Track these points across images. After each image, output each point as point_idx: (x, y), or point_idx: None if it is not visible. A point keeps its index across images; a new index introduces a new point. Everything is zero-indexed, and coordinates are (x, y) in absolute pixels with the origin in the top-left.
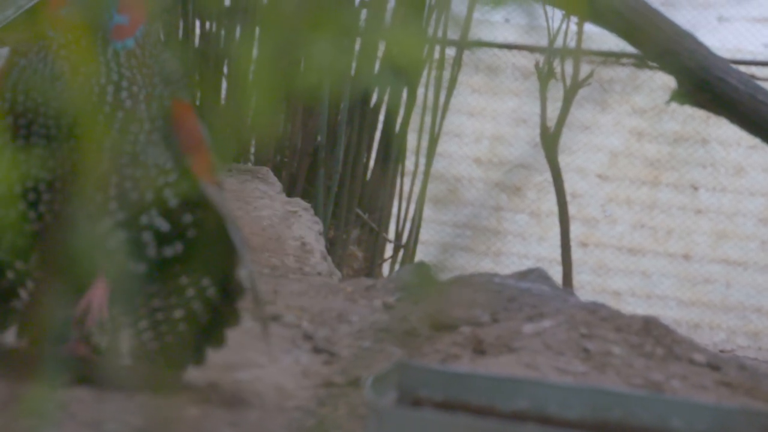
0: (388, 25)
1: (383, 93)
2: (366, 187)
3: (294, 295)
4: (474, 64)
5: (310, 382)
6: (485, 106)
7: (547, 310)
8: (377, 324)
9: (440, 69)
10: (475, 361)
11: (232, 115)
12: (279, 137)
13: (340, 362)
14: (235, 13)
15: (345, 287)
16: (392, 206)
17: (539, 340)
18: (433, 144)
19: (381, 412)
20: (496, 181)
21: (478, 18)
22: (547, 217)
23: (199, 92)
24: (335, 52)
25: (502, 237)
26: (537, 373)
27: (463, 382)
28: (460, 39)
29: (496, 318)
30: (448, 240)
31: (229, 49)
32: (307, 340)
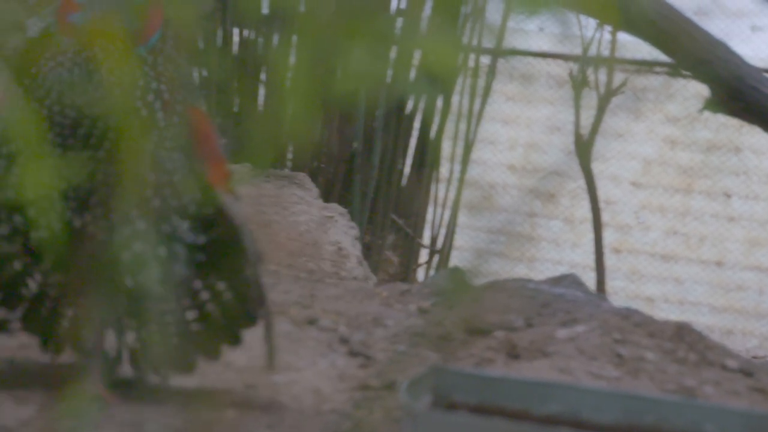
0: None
1: (418, 100)
2: (401, 193)
3: (330, 299)
4: (508, 72)
5: (346, 386)
6: (519, 114)
7: (581, 315)
8: (412, 328)
9: (475, 77)
10: (509, 365)
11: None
12: (316, 143)
13: (376, 366)
14: (272, 20)
15: (380, 292)
16: (427, 212)
17: (573, 345)
18: (467, 151)
19: (416, 415)
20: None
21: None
22: (581, 224)
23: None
24: (371, 59)
25: (535, 243)
26: (570, 378)
27: (497, 386)
28: (494, 47)
29: (530, 323)
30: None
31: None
32: (344, 343)
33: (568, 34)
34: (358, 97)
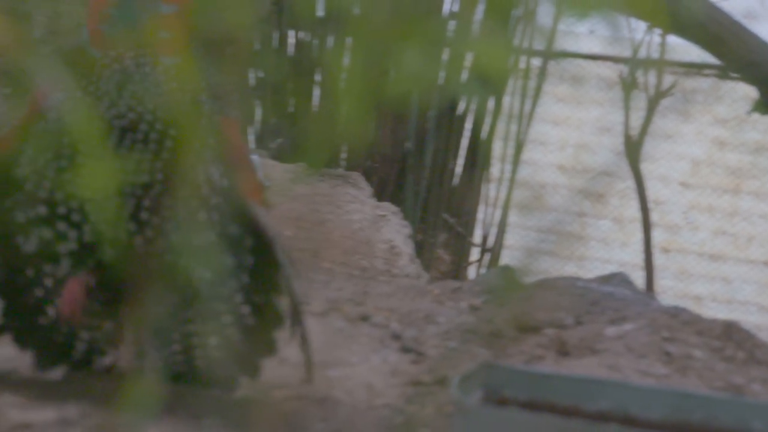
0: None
1: (470, 101)
2: (453, 192)
3: (383, 296)
4: (559, 74)
5: (398, 381)
6: (570, 115)
7: (629, 313)
8: (463, 325)
9: (526, 78)
10: (558, 362)
11: (324, 122)
12: (369, 144)
13: (428, 362)
14: (327, 23)
15: (432, 289)
16: (478, 211)
17: (621, 342)
18: (518, 151)
19: (467, 410)
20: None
21: (564, 29)
22: (630, 223)
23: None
24: (424, 61)
25: (585, 242)
26: (619, 375)
27: (547, 382)
28: (545, 49)
29: (580, 321)
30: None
31: (322, 57)
32: (396, 340)
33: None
34: (410, 99)
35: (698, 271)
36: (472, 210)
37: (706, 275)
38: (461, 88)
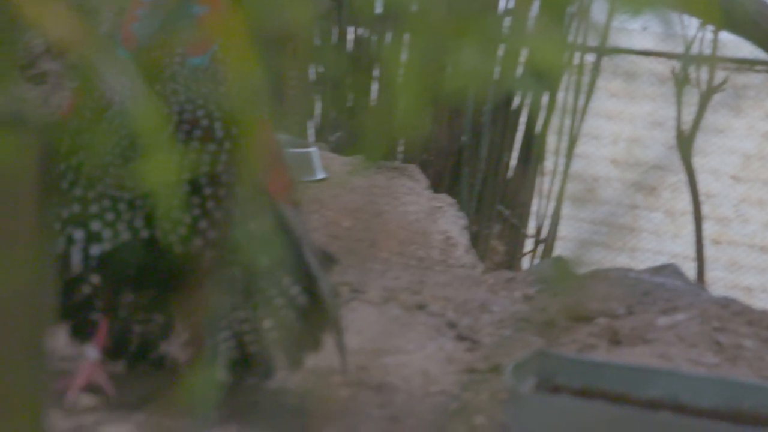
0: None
1: (525, 96)
2: (508, 184)
3: (439, 285)
4: (612, 69)
5: (453, 368)
6: (622, 110)
7: (681, 304)
8: (517, 314)
9: (580, 74)
10: (610, 351)
11: (381, 116)
12: (426, 137)
13: (482, 350)
14: (385, 19)
15: (487, 279)
16: (532, 203)
17: (672, 332)
18: (572, 145)
19: (521, 397)
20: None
21: (617, 26)
22: (681, 216)
23: (351, 94)
24: (480, 57)
25: (637, 234)
26: (670, 364)
27: (600, 370)
28: (599, 46)
29: (631, 311)
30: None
31: (380, 53)
32: (451, 328)
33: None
34: (466, 93)
35: (748, 262)
36: (527, 202)
37: (756, 267)
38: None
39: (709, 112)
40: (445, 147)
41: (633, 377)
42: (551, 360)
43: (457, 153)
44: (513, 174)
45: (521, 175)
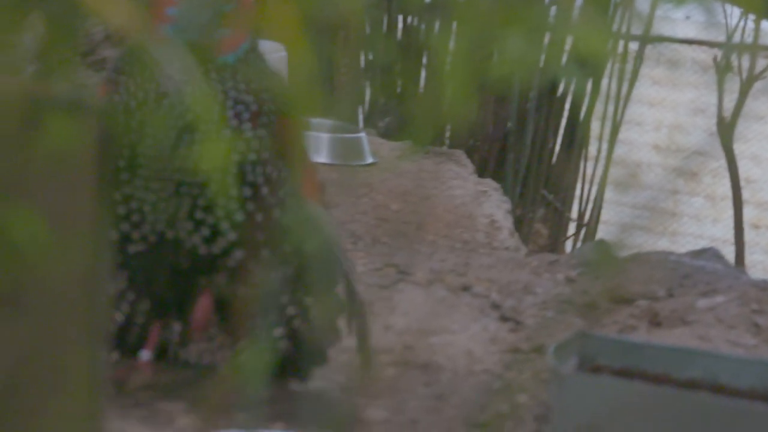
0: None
1: (569, 84)
2: (551, 170)
3: (483, 267)
4: (655, 57)
5: (497, 348)
6: (665, 97)
7: (720, 286)
8: (560, 296)
9: (623, 62)
10: (650, 332)
11: (429, 103)
12: (472, 123)
13: (526, 330)
14: (434, 9)
15: (530, 261)
16: (576, 188)
17: (712, 314)
18: (615, 131)
19: (563, 377)
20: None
21: (660, 15)
22: (722, 201)
23: (400, 81)
24: (526, 45)
25: (678, 218)
26: (709, 345)
27: (640, 351)
28: (642, 34)
29: (672, 293)
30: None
31: (429, 41)
32: (495, 309)
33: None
34: (512, 81)
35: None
36: (570, 186)
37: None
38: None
39: (750, 99)
40: (490, 133)
41: (672, 358)
42: (593, 341)
43: (503, 139)
44: (557, 159)
45: (565, 161)
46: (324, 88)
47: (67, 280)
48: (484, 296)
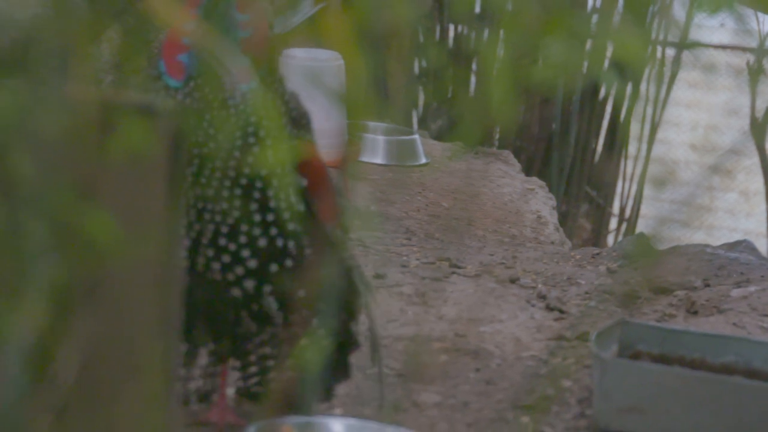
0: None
1: (610, 87)
2: (594, 168)
3: (530, 260)
4: (691, 62)
5: (543, 336)
6: (701, 99)
7: (753, 276)
8: (602, 287)
9: (661, 66)
10: (687, 320)
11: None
12: (519, 125)
13: (569, 319)
14: (483, 18)
15: (574, 254)
16: (617, 185)
17: (745, 302)
18: (653, 132)
19: (605, 362)
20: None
21: (696, 23)
22: (755, 196)
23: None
24: (569, 51)
25: (713, 213)
26: (743, 332)
27: (678, 338)
28: (679, 40)
29: (707, 283)
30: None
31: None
32: (541, 299)
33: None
34: (556, 85)
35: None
36: (612, 184)
37: None
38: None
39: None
40: (536, 134)
41: (708, 344)
42: (632, 328)
43: (548, 139)
44: (599, 158)
45: (606, 160)
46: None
47: (141, 275)
48: (531, 287)
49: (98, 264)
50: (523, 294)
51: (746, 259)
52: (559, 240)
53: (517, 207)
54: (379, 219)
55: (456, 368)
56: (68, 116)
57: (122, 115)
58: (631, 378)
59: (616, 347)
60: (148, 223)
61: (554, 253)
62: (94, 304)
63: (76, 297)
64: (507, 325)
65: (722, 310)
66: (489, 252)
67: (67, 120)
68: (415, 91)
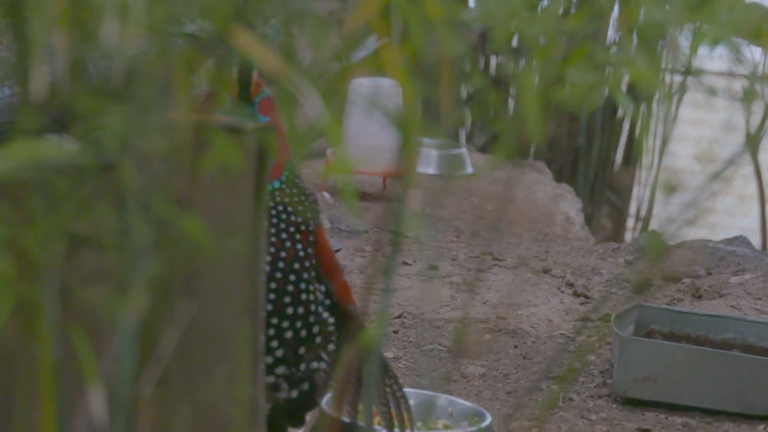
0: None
1: (627, 108)
2: (614, 176)
3: (560, 254)
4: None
5: (570, 318)
6: (704, 118)
7: (748, 266)
8: (621, 276)
9: (669, 90)
10: (693, 303)
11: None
12: (550, 140)
13: (593, 303)
14: (519, 50)
15: (597, 249)
16: (633, 190)
17: (742, 288)
18: (663, 145)
19: (623, 340)
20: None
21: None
22: (750, 199)
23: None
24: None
25: (714, 213)
26: (740, 313)
27: (685, 319)
28: (685, 68)
29: (710, 272)
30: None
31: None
32: (569, 287)
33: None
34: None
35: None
36: (629, 189)
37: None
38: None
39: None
40: (565, 147)
41: (711, 323)
42: (647, 311)
43: (575, 152)
44: (618, 168)
45: (624, 169)
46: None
47: (231, 268)
48: (561, 277)
49: (194, 259)
50: (554, 282)
51: (742, 252)
52: (584, 237)
53: (548, 209)
54: (432, 221)
55: (497, 345)
56: (169, 136)
57: (214, 134)
58: (646, 353)
59: (633, 327)
60: (236, 225)
61: (580, 248)
62: (191, 292)
63: (175, 286)
64: (540, 309)
65: (722, 294)
66: (525, 247)
67: (167, 139)
68: (462, 112)
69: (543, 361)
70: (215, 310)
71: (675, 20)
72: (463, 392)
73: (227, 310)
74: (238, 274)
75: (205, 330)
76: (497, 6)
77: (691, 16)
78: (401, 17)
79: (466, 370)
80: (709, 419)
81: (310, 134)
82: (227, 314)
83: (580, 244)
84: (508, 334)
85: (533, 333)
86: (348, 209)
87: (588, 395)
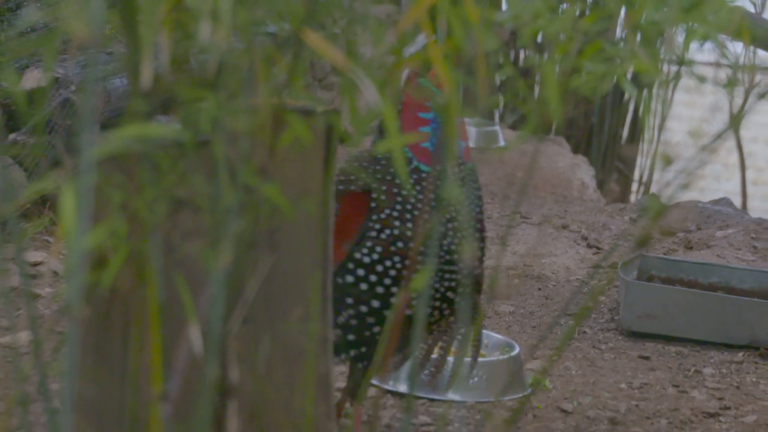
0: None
1: (632, 92)
2: (621, 148)
3: (576, 213)
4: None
5: (585, 265)
6: (695, 100)
7: (731, 223)
8: (626, 231)
9: (667, 78)
10: (686, 253)
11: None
12: (568, 119)
13: (603, 253)
14: (543, 45)
15: (607, 209)
16: (637, 160)
17: (726, 240)
18: (662, 123)
19: (628, 283)
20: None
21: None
22: (732, 166)
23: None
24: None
25: (703, 178)
26: (724, 261)
27: (678, 266)
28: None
29: (699, 227)
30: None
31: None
32: (584, 240)
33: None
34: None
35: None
36: (633, 159)
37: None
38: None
39: (750, 101)
40: (581, 125)
41: (700, 270)
42: (648, 259)
43: (589, 129)
44: (624, 142)
45: (630, 142)
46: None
47: (305, 226)
48: (577, 232)
49: (274, 219)
50: (571, 236)
51: (726, 211)
52: (596, 198)
53: (567, 176)
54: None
55: (524, 288)
56: (252, 118)
57: (289, 116)
58: (647, 294)
59: (636, 273)
60: (308, 191)
61: (593, 208)
62: (272, 246)
63: (258, 241)
64: (560, 258)
65: (709, 246)
66: (548, 207)
67: (251, 120)
68: (496, 97)
69: (562, 301)
70: (291, 261)
71: (671, 20)
72: (496, 327)
73: (301, 261)
74: (310, 231)
75: (283, 277)
76: (525, 9)
77: (684, 17)
78: (445, 18)
79: (498, 308)
80: (698, 348)
81: (369, 116)
82: (301, 264)
83: (593, 205)
84: (533, 278)
85: (554, 278)
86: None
87: (599, 329)
